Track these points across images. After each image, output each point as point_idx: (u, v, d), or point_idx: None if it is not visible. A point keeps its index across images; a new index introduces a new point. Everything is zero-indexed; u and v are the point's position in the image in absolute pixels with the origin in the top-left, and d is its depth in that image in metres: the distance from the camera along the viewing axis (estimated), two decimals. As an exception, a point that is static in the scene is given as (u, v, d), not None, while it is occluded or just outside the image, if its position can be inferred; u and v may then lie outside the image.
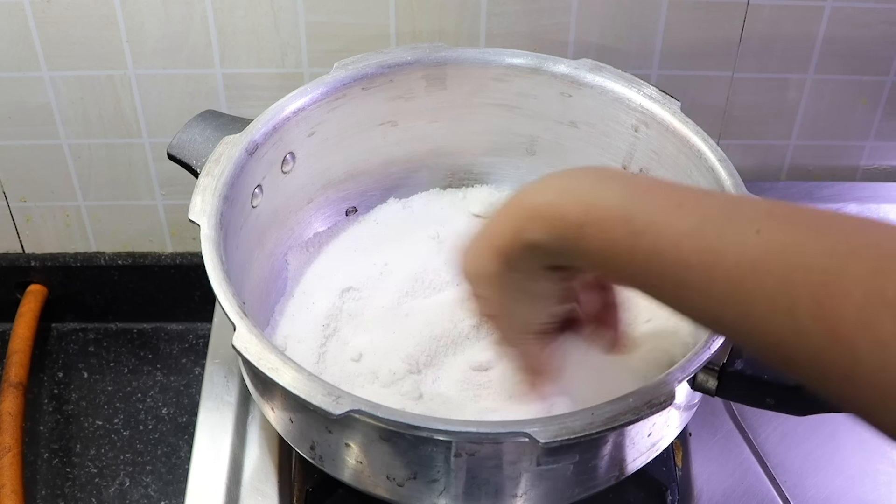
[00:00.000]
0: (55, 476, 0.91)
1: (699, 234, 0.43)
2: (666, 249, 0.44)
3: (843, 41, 0.87)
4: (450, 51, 0.74)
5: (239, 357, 0.56)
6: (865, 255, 0.38)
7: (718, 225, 0.43)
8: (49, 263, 0.98)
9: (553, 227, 0.49)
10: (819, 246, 0.40)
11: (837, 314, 0.38)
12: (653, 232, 0.44)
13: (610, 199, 0.47)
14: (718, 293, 0.42)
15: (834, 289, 0.38)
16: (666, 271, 0.44)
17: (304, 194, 0.75)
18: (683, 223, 0.44)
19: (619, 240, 0.46)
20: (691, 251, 0.43)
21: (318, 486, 0.67)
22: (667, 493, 0.68)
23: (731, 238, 0.42)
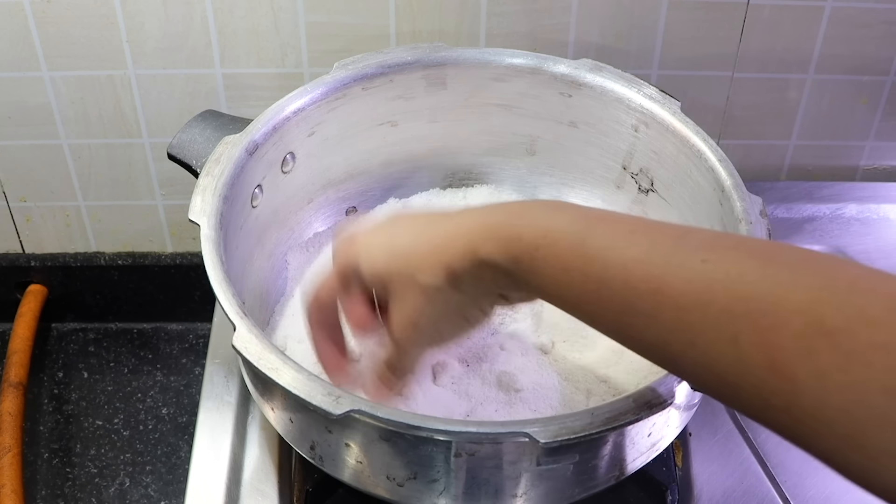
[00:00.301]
0: (55, 476, 0.91)
1: (648, 261, 0.43)
2: (615, 275, 0.44)
3: (843, 41, 0.87)
4: (450, 51, 0.74)
5: (239, 357, 0.56)
6: (806, 284, 0.39)
7: (666, 253, 0.43)
8: (49, 263, 0.98)
9: (508, 249, 0.48)
10: (762, 276, 0.40)
11: (777, 344, 0.38)
12: (603, 257, 0.45)
13: (566, 223, 0.47)
14: (665, 321, 0.42)
15: (774, 319, 0.38)
16: (615, 297, 0.44)
17: (304, 194, 0.75)
18: (633, 250, 0.44)
19: (571, 265, 0.46)
20: (640, 278, 0.43)
21: (318, 486, 0.67)
22: (667, 493, 0.68)
23: (678, 266, 0.42)
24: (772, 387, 0.38)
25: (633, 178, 0.74)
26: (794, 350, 0.37)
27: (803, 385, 0.37)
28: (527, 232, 0.48)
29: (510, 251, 0.48)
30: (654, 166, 0.72)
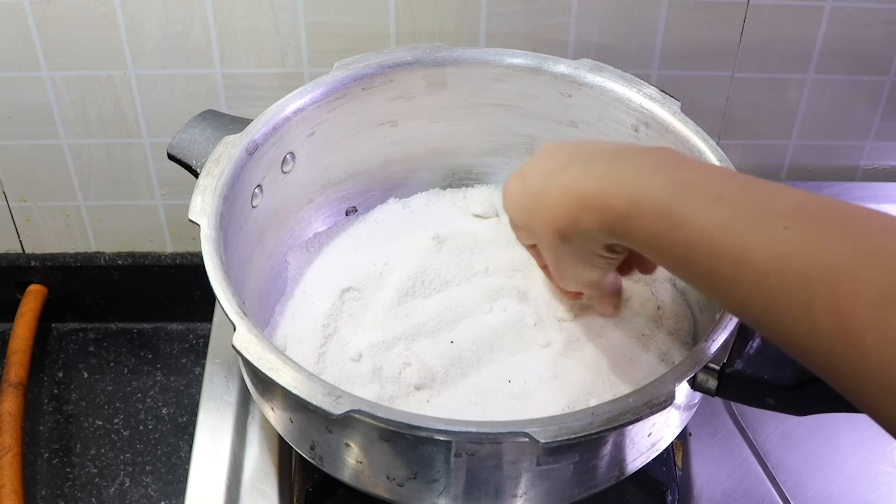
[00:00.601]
0: (55, 476, 0.91)
1: (731, 229, 0.45)
2: (700, 242, 0.46)
3: (843, 41, 0.87)
4: (450, 51, 0.74)
5: (239, 357, 0.56)
6: (884, 256, 0.40)
7: (750, 220, 0.44)
8: (49, 263, 0.98)
9: (603, 218, 0.51)
10: (841, 245, 0.41)
11: (850, 310, 0.39)
12: (689, 225, 0.46)
13: (653, 191, 0.49)
14: (745, 286, 0.44)
15: (849, 287, 0.39)
16: (700, 263, 0.46)
17: (304, 194, 0.75)
18: (717, 217, 0.45)
19: (660, 232, 0.48)
20: (723, 245, 0.45)
21: (318, 486, 0.67)
22: (667, 493, 0.68)
23: (760, 234, 0.44)
24: (841, 352, 0.40)
25: (633, 178, 0.74)
26: (866, 318, 0.39)
27: (871, 352, 0.38)
28: (617, 202, 0.50)
29: (604, 221, 0.51)
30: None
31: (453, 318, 0.69)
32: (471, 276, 0.72)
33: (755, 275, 0.43)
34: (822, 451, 0.73)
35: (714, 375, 0.58)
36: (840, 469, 0.72)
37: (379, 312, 0.69)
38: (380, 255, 0.74)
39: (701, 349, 0.57)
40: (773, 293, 0.42)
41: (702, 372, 0.57)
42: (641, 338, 0.68)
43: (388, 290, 0.70)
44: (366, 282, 0.72)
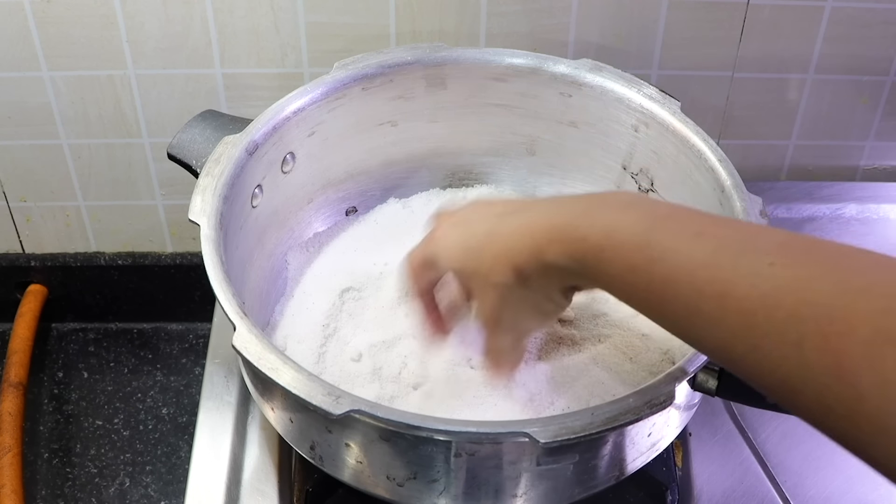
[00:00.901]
0: (55, 476, 0.91)
1: (714, 264, 0.43)
2: (681, 277, 0.44)
3: (843, 41, 0.87)
4: (450, 51, 0.74)
5: (239, 357, 0.56)
6: (877, 293, 0.38)
7: (733, 255, 0.43)
8: (49, 263, 0.98)
9: (574, 250, 0.49)
10: (831, 282, 0.40)
11: (843, 350, 0.38)
12: (669, 259, 0.45)
13: (630, 224, 0.47)
14: (729, 324, 0.42)
15: (841, 325, 0.38)
16: (680, 299, 0.44)
17: (304, 194, 0.75)
18: (699, 252, 0.44)
19: (637, 266, 0.46)
20: (705, 280, 0.43)
21: (318, 486, 0.67)
22: (667, 493, 0.68)
23: (744, 269, 0.42)
24: (835, 393, 0.38)
25: (633, 178, 0.74)
26: (861, 357, 0.37)
27: (867, 392, 0.37)
28: (591, 233, 0.48)
29: (575, 253, 0.49)
30: (654, 166, 0.72)
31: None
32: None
33: (740, 313, 0.41)
34: (822, 451, 0.73)
35: (714, 375, 0.58)
36: (840, 469, 0.72)
37: (379, 312, 0.69)
38: (380, 255, 0.74)
39: (701, 349, 0.57)
40: (759, 333, 0.41)
41: (702, 372, 0.57)
42: (641, 338, 0.68)
43: (388, 290, 0.70)
44: (366, 282, 0.72)
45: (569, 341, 0.68)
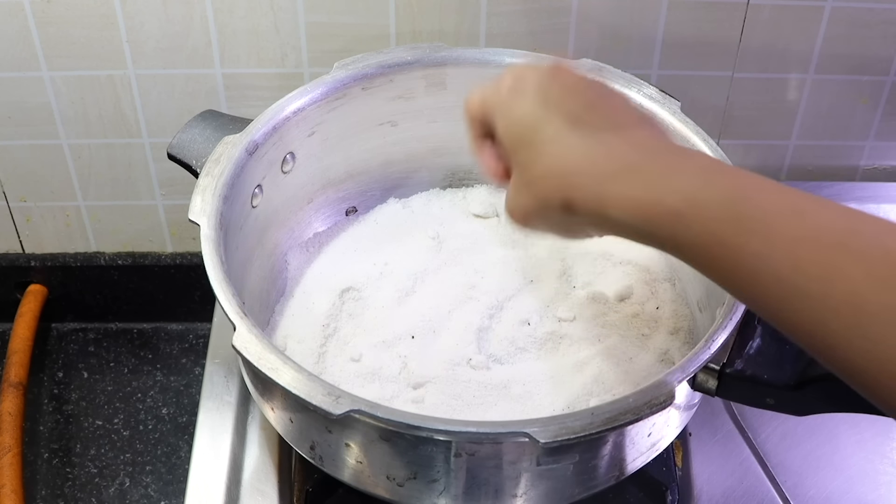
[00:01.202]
0: (55, 476, 0.91)
1: (818, 243, 0.41)
2: (779, 255, 0.41)
3: (843, 41, 0.87)
4: (450, 51, 0.74)
5: (239, 357, 0.56)
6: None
7: (840, 236, 0.41)
8: (49, 263, 0.98)
9: (645, 212, 0.45)
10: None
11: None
12: (764, 234, 0.42)
13: (717, 191, 0.44)
14: (831, 303, 0.40)
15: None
16: (774, 276, 0.41)
17: (304, 194, 0.75)
18: (803, 230, 0.41)
19: (723, 237, 0.43)
20: (809, 260, 0.41)
21: (318, 486, 0.67)
22: (667, 493, 0.68)
23: (854, 250, 0.40)
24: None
25: (633, 178, 0.74)
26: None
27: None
28: (669, 197, 0.44)
29: (646, 214, 0.45)
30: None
31: (453, 319, 0.69)
32: (471, 276, 0.72)
33: (847, 294, 0.39)
34: (822, 451, 0.73)
35: (714, 375, 0.58)
36: (840, 469, 0.72)
37: (379, 312, 0.69)
38: (380, 255, 0.74)
39: (701, 349, 0.57)
40: (867, 312, 0.39)
41: (702, 372, 0.57)
42: (641, 338, 0.68)
43: (387, 290, 0.71)
44: (366, 282, 0.72)
45: (569, 341, 0.68)
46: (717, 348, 0.57)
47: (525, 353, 0.67)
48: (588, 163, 0.47)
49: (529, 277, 0.72)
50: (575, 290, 0.72)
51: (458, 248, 0.74)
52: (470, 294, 0.71)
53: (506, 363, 0.67)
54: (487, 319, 0.69)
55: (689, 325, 0.69)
